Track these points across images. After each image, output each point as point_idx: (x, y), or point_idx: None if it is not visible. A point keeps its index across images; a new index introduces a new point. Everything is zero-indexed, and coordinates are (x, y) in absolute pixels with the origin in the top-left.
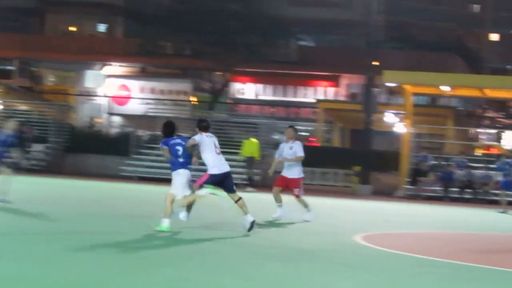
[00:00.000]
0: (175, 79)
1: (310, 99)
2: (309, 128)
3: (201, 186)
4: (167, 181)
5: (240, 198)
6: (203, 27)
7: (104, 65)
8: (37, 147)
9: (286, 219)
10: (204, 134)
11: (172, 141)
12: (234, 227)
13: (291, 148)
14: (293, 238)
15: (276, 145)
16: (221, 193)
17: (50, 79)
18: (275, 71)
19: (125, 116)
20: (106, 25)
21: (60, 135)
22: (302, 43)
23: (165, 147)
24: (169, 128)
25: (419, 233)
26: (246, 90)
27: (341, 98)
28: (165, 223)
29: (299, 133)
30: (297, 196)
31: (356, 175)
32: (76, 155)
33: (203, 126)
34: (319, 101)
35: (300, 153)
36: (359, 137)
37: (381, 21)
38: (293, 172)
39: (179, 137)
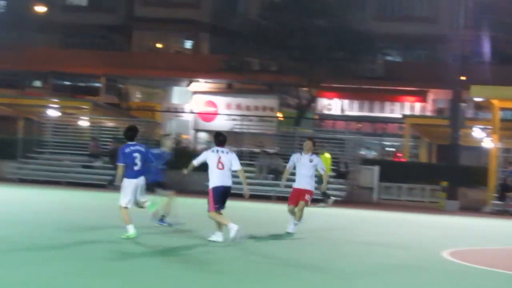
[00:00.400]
0: (261, 95)
1: (397, 114)
2: (396, 144)
3: (216, 209)
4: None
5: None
6: (289, 42)
7: (191, 81)
8: None
9: (373, 234)
10: (215, 148)
11: (130, 148)
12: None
13: (311, 161)
14: (379, 253)
15: (362, 160)
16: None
17: (137, 96)
18: (362, 87)
19: (211, 132)
20: (192, 41)
21: None
22: (389, 58)
23: (121, 164)
24: (132, 132)
25: (508, 249)
26: (333, 105)
27: (428, 113)
28: (129, 230)
29: (386, 148)
30: (306, 202)
31: (443, 191)
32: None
33: (219, 140)
34: (405, 116)
35: (324, 168)
36: (446, 152)
37: (468, 35)
38: (311, 184)
39: (139, 144)
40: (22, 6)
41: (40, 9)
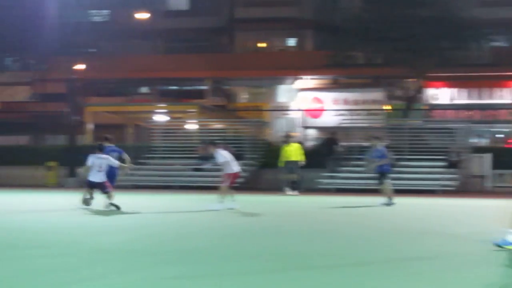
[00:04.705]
0: (367, 88)
1: (507, 100)
2: (507, 130)
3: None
4: (367, 191)
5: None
6: (393, 34)
7: (296, 79)
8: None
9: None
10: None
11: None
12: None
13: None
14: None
15: (474, 148)
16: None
17: (242, 97)
18: (469, 74)
19: (319, 128)
20: (295, 39)
21: (255, 151)
22: (495, 44)
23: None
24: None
25: None
26: (441, 95)
27: None
28: None
29: (497, 135)
30: None
31: None
32: (272, 170)
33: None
34: None
35: None
36: None
37: None
38: None
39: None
40: (125, 14)
41: (142, 16)
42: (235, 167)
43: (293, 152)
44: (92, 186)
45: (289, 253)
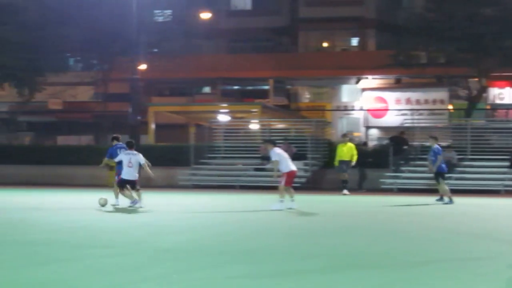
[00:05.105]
0: (430, 88)
1: None
2: None
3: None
4: (430, 191)
5: None
6: (456, 33)
7: (359, 78)
8: (296, 165)
9: None
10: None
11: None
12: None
13: None
14: None
15: None
16: None
17: (305, 96)
18: None
19: (382, 128)
20: (358, 38)
21: (318, 151)
22: None
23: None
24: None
25: None
26: (505, 94)
27: None
28: None
29: None
30: None
31: None
32: (334, 170)
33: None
34: None
35: None
36: None
37: None
38: None
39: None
40: (188, 14)
41: (206, 16)
42: (292, 165)
43: (346, 152)
44: (126, 183)
45: (351, 253)
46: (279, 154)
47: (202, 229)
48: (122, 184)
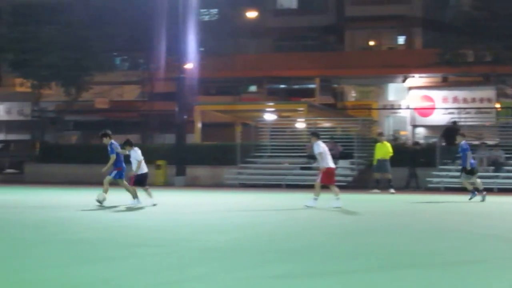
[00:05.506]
0: (477, 86)
1: None
2: None
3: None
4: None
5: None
6: (503, 32)
7: (406, 77)
8: (343, 163)
9: None
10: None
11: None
12: None
13: None
14: None
15: None
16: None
17: (351, 95)
18: None
19: (428, 127)
20: (404, 37)
21: (364, 150)
22: None
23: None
24: None
25: None
26: None
27: None
28: None
29: None
30: None
31: None
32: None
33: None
34: None
35: None
36: None
37: None
38: None
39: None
40: (234, 13)
41: (252, 14)
42: (330, 163)
43: (384, 151)
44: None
45: (398, 252)
46: (323, 147)
47: (247, 227)
48: (143, 181)
